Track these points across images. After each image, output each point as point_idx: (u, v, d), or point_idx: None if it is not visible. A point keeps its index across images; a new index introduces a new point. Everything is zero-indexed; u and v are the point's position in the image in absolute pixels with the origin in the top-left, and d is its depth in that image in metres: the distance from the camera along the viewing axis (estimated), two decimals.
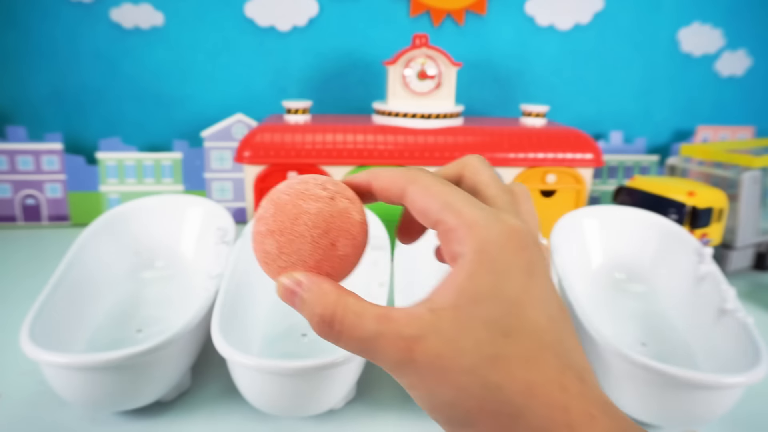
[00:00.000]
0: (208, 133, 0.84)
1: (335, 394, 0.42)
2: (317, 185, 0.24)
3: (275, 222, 0.24)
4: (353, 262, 0.25)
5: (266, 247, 0.24)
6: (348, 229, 0.24)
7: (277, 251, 0.24)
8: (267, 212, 0.24)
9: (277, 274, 0.24)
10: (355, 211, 0.24)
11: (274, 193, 0.25)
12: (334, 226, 0.23)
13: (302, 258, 0.24)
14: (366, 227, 0.25)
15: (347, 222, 0.24)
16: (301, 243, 0.23)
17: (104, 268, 0.56)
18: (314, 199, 0.24)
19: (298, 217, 0.23)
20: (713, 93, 0.96)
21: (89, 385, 0.40)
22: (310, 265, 0.24)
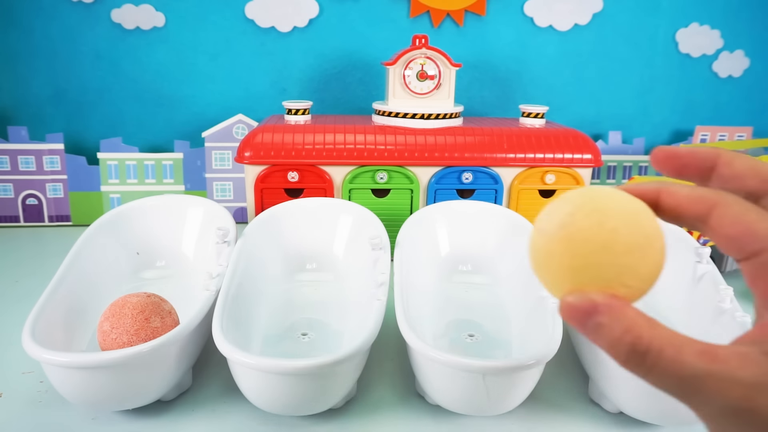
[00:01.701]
0: (208, 133, 0.85)
1: (335, 393, 0.43)
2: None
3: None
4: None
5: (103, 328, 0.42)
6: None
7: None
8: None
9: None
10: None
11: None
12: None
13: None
14: None
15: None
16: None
17: (105, 267, 0.56)
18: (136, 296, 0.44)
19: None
20: (712, 94, 0.96)
21: (90, 385, 0.40)
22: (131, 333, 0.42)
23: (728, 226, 0.20)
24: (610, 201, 0.20)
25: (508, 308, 0.56)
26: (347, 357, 0.40)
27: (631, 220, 0.20)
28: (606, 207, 0.20)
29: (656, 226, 0.21)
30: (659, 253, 0.20)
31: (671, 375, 0.19)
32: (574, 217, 0.20)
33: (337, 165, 0.71)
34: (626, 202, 0.21)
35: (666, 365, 0.19)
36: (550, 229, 0.21)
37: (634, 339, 0.19)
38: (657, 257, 0.20)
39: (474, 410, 0.43)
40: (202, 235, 0.61)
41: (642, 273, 0.20)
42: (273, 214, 0.61)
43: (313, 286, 0.60)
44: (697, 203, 0.21)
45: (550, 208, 0.22)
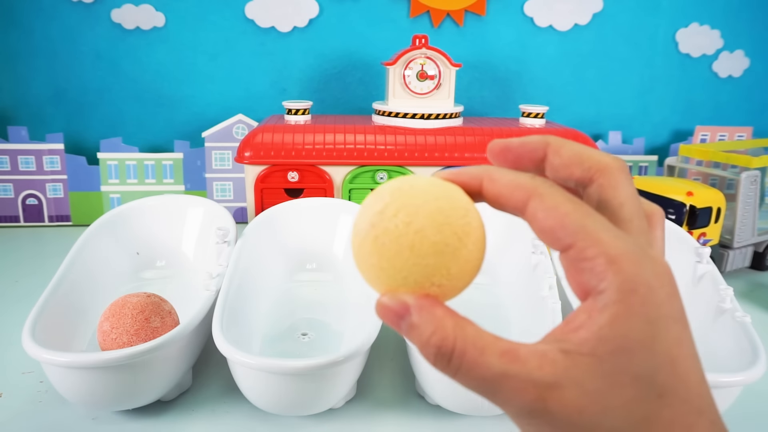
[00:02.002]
0: (208, 133, 0.85)
1: (335, 393, 0.43)
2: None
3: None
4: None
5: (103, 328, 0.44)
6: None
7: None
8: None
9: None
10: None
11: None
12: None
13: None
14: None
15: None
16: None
17: (105, 267, 0.56)
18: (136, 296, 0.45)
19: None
20: (711, 93, 0.96)
21: (90, 384, 0.40)
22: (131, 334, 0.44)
23: (542, 217, 0.19)
24: (421, 197, 0.20)
25: (508, 308, 0.56)
26: (347, 357, 0.40)
27: (440, 218, 0.19)
28: (415, 204, 0.20)
29: (469, 221, 0.20)
30: (473, 249, 0.20)
31: (475, 376, 0.18)
32: (382, 216, 0.20)
33: (337, 165, 0.71)
34: (439, 197, 0.20)
35: (469, 366, 0.18)
36: (361, 228, 0.20)
37: (440, 340, 0.19)
38: (469, 254, 0.20)
39: (474, 410, 0.43)
40: (202, 235, 0.61)
41: (453, 272, 0.20)
42: (273, 214, 0.61)
43: (313, 286, 0.60)
44: (516, 191, 0.20)
45: (365, 204, 0.21)
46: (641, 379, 0.17)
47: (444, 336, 0.19)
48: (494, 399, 0.18)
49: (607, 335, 0.17)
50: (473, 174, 0.21)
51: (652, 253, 0.19)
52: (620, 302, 0.17)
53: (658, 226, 0.22)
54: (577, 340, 0.18)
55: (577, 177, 0.21)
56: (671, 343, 0.18)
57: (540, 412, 0.18)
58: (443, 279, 0.20)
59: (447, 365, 0.19)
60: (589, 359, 0.17)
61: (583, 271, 0.18)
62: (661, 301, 0.18)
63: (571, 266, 0.19)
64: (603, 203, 0.20)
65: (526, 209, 0.20)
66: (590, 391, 0.17)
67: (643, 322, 0.17)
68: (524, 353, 0.18)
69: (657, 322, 0.18)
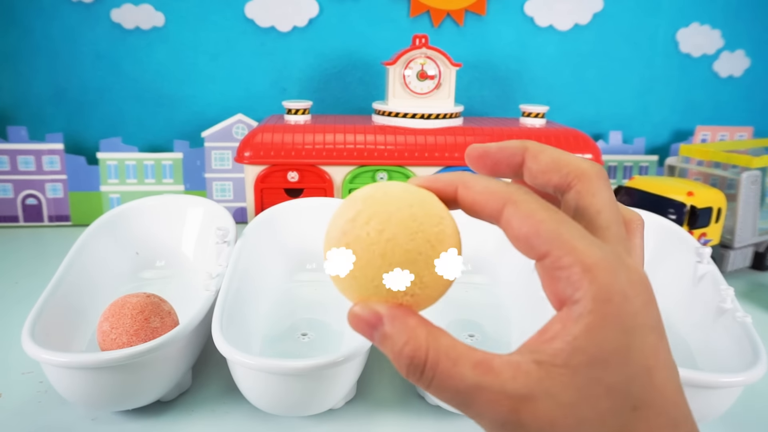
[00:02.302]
0: (208, 133, 0.85)
1: (335, 393, 0.42)
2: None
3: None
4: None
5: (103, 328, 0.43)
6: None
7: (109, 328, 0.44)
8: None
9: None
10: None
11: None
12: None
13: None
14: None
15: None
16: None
17: (105, 267, 0.56)
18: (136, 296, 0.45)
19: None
20: (712, 93, 0.96)
21: (90, 385, 0.40)
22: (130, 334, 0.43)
23: (517, 225, 0.19)
24: (394, 204, 0.19)
25: (508, 308, 0.56)
26: (347, 357, 0.40)
27: (413, 225, 0.19)
28: (388, 212, 0.19)
29: (443, 229, 0.20)
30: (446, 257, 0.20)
31: (448, 387, 0.18)
32: (354, 223, 0.19)
33: (337, 165, 0.70)
34: (413, 204, 0.20)
35: (442, 377, 0.18)
36: (332, 236, 0.20)
37: (412, 350, 0.18)
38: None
39: None
40: (202, 235, 0.61)
41: (426, 281, 0.19)
42: (273, 214, 0.61)
43: (313, 286, 0.59)
44: (491, 199, 0.20)
45: (337, 211, 0.21)
46: (616, 391, 0.17)
47: (417, 346, 0.18)
48: (468, 411, 0.18)
49: (582, 346, 0.17)
50: (448, 181, 0.21)
51: (629, 261, 0.18)
52: (595, 312, 0.17)
53: (637, 233, 0.21)
54: (551, 351, 0.17)
55: (554, 183, 0.21)
56: (647, 352, 0.17)
57: (513, 425, 0.17)
58: (416, 288, 0.19)
59: (420, 377, 0.18)
60: (562, 370, 0.17)
61: (559, 280, 0.18)
62: (637, 310, 0.17)
63: (546, 275, 0.19)
64: (580, 210, 0.20)
65: (501, 217, 0.19)
66: (564, 404, 0.17)
67: (617, 331, 0.17)
68: (498, 364, 0.18)
69: (632, 332, 0.17)
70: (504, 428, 0.18)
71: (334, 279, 0.20)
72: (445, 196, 0.21)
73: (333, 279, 0.21)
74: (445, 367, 0.18)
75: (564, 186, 0.21)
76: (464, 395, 0.18)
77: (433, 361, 0.18)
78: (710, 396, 0.41)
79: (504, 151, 0.22)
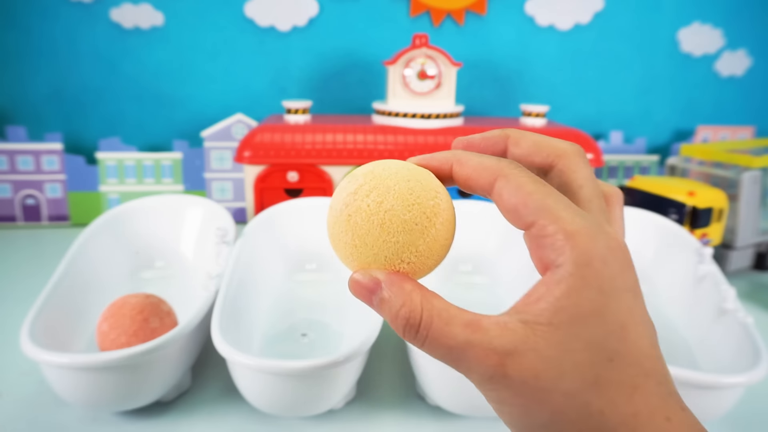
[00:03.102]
0: (208, 133, 0.84)
1: (335, 394, 0.42)
2: None
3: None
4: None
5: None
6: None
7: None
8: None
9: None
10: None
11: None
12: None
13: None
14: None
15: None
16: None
17: (104, 268, 0.56)
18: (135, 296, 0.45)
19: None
20: (713, 93, 0.96)
21: (89, 385, 0.40)
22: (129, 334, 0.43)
23: (506, 196, 0.21)
24: (393, 179, 0.21)
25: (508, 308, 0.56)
26: (347, 357, 0.40)
27: (410, 198, 0.21)
28: (387, 185, 0.21)
29: (438, 203, 0.21)
30: (441, 228, 0.21)
31: (440, 345, 0.20)
32: (356, 196, 0.21)
33: (337, 165, 0.70)
34: (411, 179, 0.21)
35: (435, 336, 0.20)
36: (336, 208, 0.22)
37: (408, 312, 0.20)
38: (437, 233, 0.21)
39: (474, 411, 0.43)
40: (202, 235, 0.61)
41: (421, 249, 0.21)
42: (273, 214, 0.60)
43: (313, 286, 0.59)
44: (483, 173, 0.21)
45: (340, 186, 0.22)
46: (593, 345, 0.18)
47: (412, 308, 0.20)
48: (458, 367, 0.20)
49: (563, 305, 0.19)
50: (443, 158, 0.23)
51: (608, 229, 0.20)
52: (575, 275, 0.19)
53: (616, 206, 0.23)
54: (535, 311, 0.19)
55: (537, 164, 0.23)
56: (623, 311, 0.19)
57: (500, 378, 0.19)
58: (412, 256, 0.21)
59: (415, 336, 0.20)
60: (546, 328, 0.19)
61: (544, 247, 0.20)
62: (614, 274, 0.19)
63: (533, 243, 0.20)
64: (564, 186, 0.22)
65: (492, 190, 0.21)
66: (546, 357, 0.18)
67: (596, 292, 0.19)
68: (486, 323, 0.19)
69: (609, 293, 0.19)
70: (491, 381, 0.19)
71: (335, 248, 0.22)
72: (441, 172, 0.23)
73: (335, 248, 0.22)
74: (438, 326, 0.20)
75: (546, 166, 0.22)
76: (455, 352, 0.19)
77: (427, 322, 0.20)
78: (711, 396, 0.41)
79: (487, 141, 0.24)
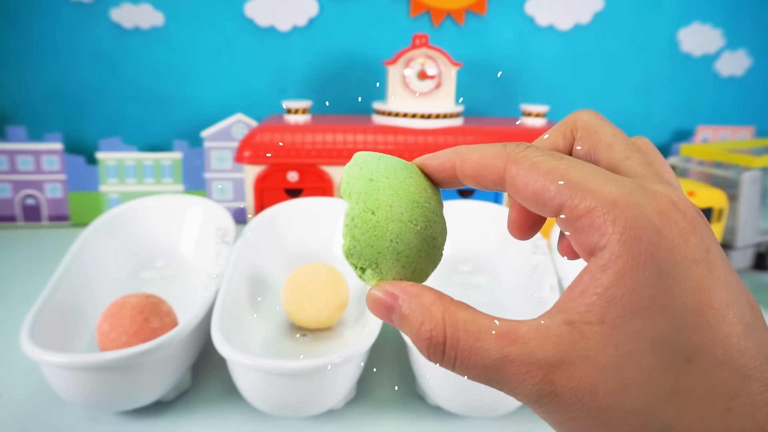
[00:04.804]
0: (208, 133, 0.84)
1: (335, 394, 0.42)
2: None
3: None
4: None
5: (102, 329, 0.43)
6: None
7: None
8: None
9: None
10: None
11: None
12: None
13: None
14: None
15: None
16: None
17: (104, 268, 0.56)
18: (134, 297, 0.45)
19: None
20: (713, 93, 0.96)
21: (89, 385, 0.40)
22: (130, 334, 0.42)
23: (522, 184, 0.17)
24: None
25: (508, 309, 0.56)
26: (347, 358, 0.40)
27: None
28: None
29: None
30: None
31: (473, 366, 0.16)
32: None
33: (337, 165, 0.70)
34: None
35: (465, 355, 0.16)
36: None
37: (429, 330, 0.17)
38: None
39: (474, 411, 0.43)
40: (202, 235, 0.61)
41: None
42: (273, 214, 0.60)
43: None
44: (489, 164, 0.18)
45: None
46: (662, 343, 0.14)
47: (433, 325, 0.17)
48: (501, 387, 0.16)
49: (614, 296, 0.15)
50: (444, 158, 0.20)
51: (655, 187, 0.16)
52: (623, 255, 0.15)
53: (654, 155, 0.19)
54: (581, 308, 0.15)
55: (560, 147, 0.20)
56: (693, 292, 0.14)
57: (550, 397, 0.15)
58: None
59: (442, 357, 0.17)
60: (597, 328, 0.15)
61: (582, 231, 0.16)
62: (672, 244, 0.15)
63: (569, 229, 0.16)
64: (592, 154, 0.19)
65: (504, 180, 0.18)
66: (603, 366, 0.15)
67: (653, 273, 0.15)
68: (524, 332, 0.16)
69: (671, 270, 0.15)
70: (540, 402, 0.16)
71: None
72: (444, 173, 0.20)
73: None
74: (466, 343, 0.16)
75: (567, 145, 0.19)
76: (492, 371, 0.16)
77: (453, 339, 0.17)
78: None
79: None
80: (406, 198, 0.20)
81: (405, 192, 0.20)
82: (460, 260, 0.62)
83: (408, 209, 0.19)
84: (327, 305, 0.50)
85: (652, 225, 0.15)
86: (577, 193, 0.16)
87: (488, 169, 0.18)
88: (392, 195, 0.19)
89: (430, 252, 0.20)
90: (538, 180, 0.17)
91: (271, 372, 0.39)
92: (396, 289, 0.18)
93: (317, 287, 0.50)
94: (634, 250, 0.15)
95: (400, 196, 0.20)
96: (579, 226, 0.16)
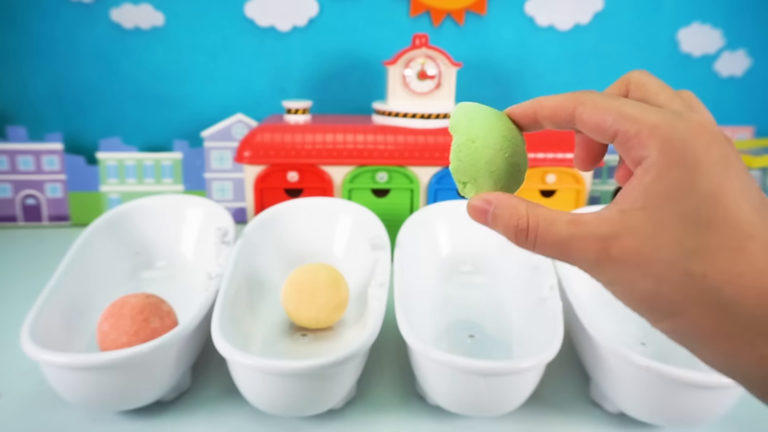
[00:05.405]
0: (208, 133, 0.84)
1: (335, 394, 0.42)
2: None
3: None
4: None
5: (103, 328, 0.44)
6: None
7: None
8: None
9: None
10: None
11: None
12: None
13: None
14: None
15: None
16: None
17: (104, 268, 0.56)
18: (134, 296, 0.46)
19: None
20: (713, 93, 0.96)
21: (89, 385, 0.40)
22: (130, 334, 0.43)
23: (587, 117, 0.23)
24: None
25: (509, 308, 0.56)
26: (347, 358, 0.40)
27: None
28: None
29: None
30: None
31: (549, 244, 0.23)
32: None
33: (337, 165, 0.70)
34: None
35: (543, 236, 0.23)
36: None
37: (516, 221, 0.23)
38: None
39: (474, 411, 0.43)
40: (202, 235, 0.61)
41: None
42: (273, 214, 0.60)
43: None
44: (563, 106, 0.25)
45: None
46: (686, 217, 0.20)
47: (519, 217, 0.23)
48: (568, 258, 0.22)
49: (653, 189, 0.20)
50: (527, 106, 0.26)
51: (690, 115, 0.21)
52: (660, 161, 0.20)
53: (695, 102, 0.24)
54: (629, 200, 0.21)
55: (616, 94, 0.25)
56: (712, 183, 0.20)
57: (605, 260, 0.21)
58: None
59: (525, 240, 0.23)
60: (640, 212, 0.21)
61: (631, 149, 0.22)
62: (698, 151, 0.20)
63: (622, 151, 0.22)
64: (642, 100, 0.24)
65: (573, 119, 0.24)
66: (643, 235, 0.20)
67: (680, 171, 0.20)
68: (587, 218, 0.22)
69: (695, 169, 0.20)
70: (598, 264, 0.21)
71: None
72: (527, 119, 0.26)
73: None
74: (544, 227, 0.23)
75: (622, 95, 0.25)
76: (562, 246, 0.22)
77: (534, 226, 0.23)
78: (711, 397, 0.41)
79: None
80: (497, 132, 0.26)
81: (496, 129, 0.26)
82: (461, 260, 0.62)
83: (498, 141, 0.26)
84: (327, 305, 0.50)
85: (683, 139, 0.20)
86: (629, 120, 0.22)
87: (562, 109, 0.25)
88: (487, 130, 0.26)
89: (515, 174, 0.26)
90: (599, 114, 0.23)
91: (271, 372, 0.39)
92: (491, 197, 0.25)
93: (317, 287, 0.50)
94: (668, 156, 0.20)
95: (492, 131, 0.26)
96: (630, 145, 0.22)
